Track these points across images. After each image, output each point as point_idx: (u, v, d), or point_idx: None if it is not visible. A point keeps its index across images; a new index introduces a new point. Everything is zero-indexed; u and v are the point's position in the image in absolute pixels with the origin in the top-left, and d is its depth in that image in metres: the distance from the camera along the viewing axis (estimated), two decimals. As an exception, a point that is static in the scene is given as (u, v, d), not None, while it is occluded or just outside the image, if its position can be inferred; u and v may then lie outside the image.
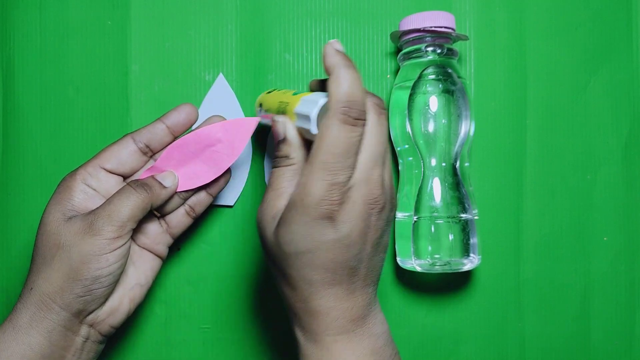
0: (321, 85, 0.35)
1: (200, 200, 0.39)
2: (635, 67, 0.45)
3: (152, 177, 0.36)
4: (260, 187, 0.44)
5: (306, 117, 0.32)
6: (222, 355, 0.44)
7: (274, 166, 0.33)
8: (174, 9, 0.44)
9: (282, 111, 0.35)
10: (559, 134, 0.45)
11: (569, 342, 0.45)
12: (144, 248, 0.38)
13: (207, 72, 0.44)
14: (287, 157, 0.33)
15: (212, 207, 0.44)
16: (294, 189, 0.31)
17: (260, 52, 0.45)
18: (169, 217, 0.38)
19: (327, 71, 0.31)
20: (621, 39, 0.45)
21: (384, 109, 0.32)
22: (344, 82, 0.29)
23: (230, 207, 0.44)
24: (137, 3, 0.44)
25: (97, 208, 0.34)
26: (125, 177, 0.37)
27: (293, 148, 0.33)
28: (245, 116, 0.44)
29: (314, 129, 0.31)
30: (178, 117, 0.37)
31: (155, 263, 0.39)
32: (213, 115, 0.38)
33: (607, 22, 0.45)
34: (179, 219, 0.39)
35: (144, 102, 0.44)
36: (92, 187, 0.35)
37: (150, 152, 0.38)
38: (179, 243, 0.44)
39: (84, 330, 0.34)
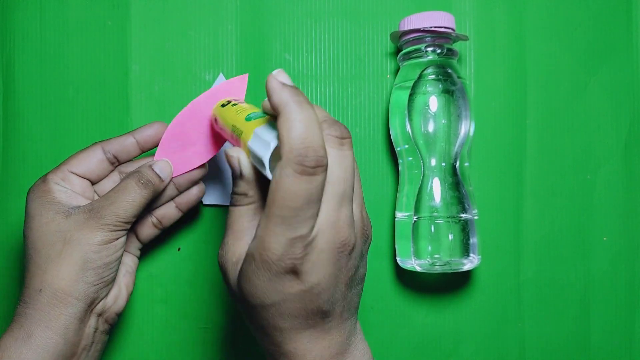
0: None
1: (169, 214, 0.39)
2: (635, 67, 0.45)
3: (152, 169, 0.36)
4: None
5: (259, 160, 0.28)
6: (222, 355, 0.44)
7: (232, 204, 0.30)
8: (174, 9, 0.44)
9: (236, 138, 0.32)
10: (558, 134, 0.45)
11: (568, 341, 0.45)
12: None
13: (207, 72, 0.44)
14: (245, 195, 0.30)
15: (212, 207, 0.44)
16: (252, 240, 0.28)
17: (260, 52, 0.45)
18: (136, 227, 0.39)
19: (275, 110, 0.27)
20: (621, 39, 0.45)
21: (346, 136, 0.28)
22: (296, 125, 0.25)
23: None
24: (137, 3, 0.44)
25: (101, 204, 0.34)
26: (92, 183, 0.38)
27: (251, 185, 0.30)
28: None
29: (268, 175, 0.28)
30: (148, 132, 0.37)
31: (133, 258, 0.40)
32: (154, 122, 0.38)
33: (607, 22, 0.45)
34: (145, 229, 0.40)
35: (144, 101, 0.44)
36: (68, 188, 0.36)
37: (117, 163, 0.38)
38: (179, 243, 0.44)
39: (93, 320, 0.36)
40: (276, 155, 0.27)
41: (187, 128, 0.37)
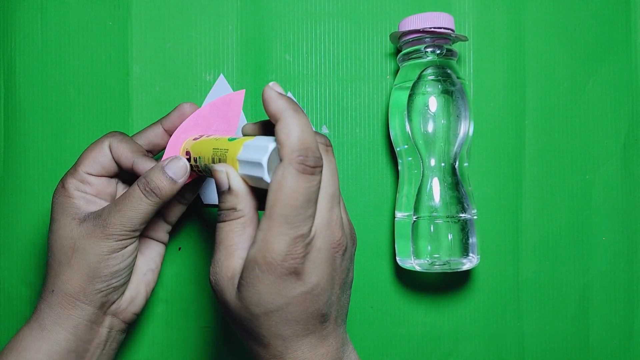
0: (258, 129, 0.33)
1: (192, 189, 0.39)
2: (633, 67, 0.45)
3: (163, 171, 0.34)
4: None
5: (256, 165, 0.29)
6: (222, 355, 0.44)
7: (220, 220, 0.31)
8: (175, 10, 0.45)
9: (218, 159, 0.32)
10: (557, 134, 0.45)
11: (567, 341, 0.45)
12: (146, 237, 0.40)
13: (207, 73, 0.45)
14: (234, 209, 0.30)
15: (212, 207, 0.44)
16: (252, 245, 0.29)
17: (260, 53, 0.45)
18: (162, 210, 0.39)
19: (273, 117, 0.28)
20: (620, 39, 0.45)
21: (329, 144, 0.31)
22: (295, 128, 0.27)
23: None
24: (138, 4, 0.44)
25: (108, 211, 0.34)
26: (113, 176, 0.37)
27: (240, 199, 0.30)
28: (246, 118, 0.45)
29: (267, 177, 0.29)
30: (175, 116, 0.37)
31: (160, 248, 0.40)
32: (183, 103, 0.38)
33: (606, 22, 0.45)
34: (172, 209, 0.40)
35: (145, 102, 0.44)
36: (87, 192, 0.36)
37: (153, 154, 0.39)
38: (179, 243, 0.44)
39: (107, 320, 0.36)
40: (272, 161, 0.29)
41: (192, 135, 0.37)
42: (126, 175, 0.38)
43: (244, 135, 0.33)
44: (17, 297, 0.44)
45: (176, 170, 0.34)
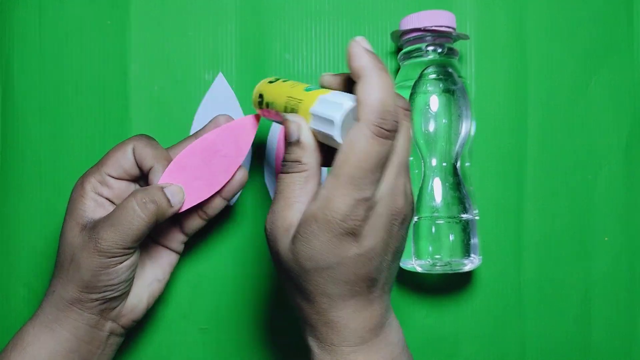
0: (337, 83, 0.32)
1: (214, 205, 0.38)
2: (635, 67, 0.45)
3: (162, 190, 0.34)
4: (260, 187, 0.44)
5: (328, 122, 0.29)
6: (222, 355, 0.44)
7: (283, 172, 0.30)
8: (174, 9, 0.44)
9: (291, 109, 0.32)
10: (559, 134, 0.45)
11: (569, 342, 0.45)
12: (160, 245, 0.39)
13: (206, 72, 0.44)
14: (298, 162, 0.30)
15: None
16: (313, 201, 0.29)
17: (259, 52, 0.44)
18: (182, 220, 0.38)
19: (355, 74, 0.28)
20: (622, 39, 0.45)
21: (409, 109, 0.30)
22: (376, 89, 0.27)
23: (231, 207, 0.44)
24: (136, 3, 0.44)
25: (102, 224, 0.33)
26: (134, 180, 0.37)
27: (307, 152, 0.30)
28: (245, 115, 0.44)
29: (338, 137, 0.29)
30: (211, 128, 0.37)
31: (172, 258, 0.39)
32: (219, 115, 0.38)
33: (608, 22, 0.45)
34: (191, 221, 0.38)
35: (144, 101, 0.44)
36: (104, 195, 0.35)
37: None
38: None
39: (108, 325, 0.36)
40: (346, 121, 0.29)
41: (195, 162, 0.36)
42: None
43: (321, 86, 0.32)
44: (15, 298, 0.44)
45: (176, 195, 0.34)
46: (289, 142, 0.31)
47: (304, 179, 0.30)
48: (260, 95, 0.35)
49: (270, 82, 0.35)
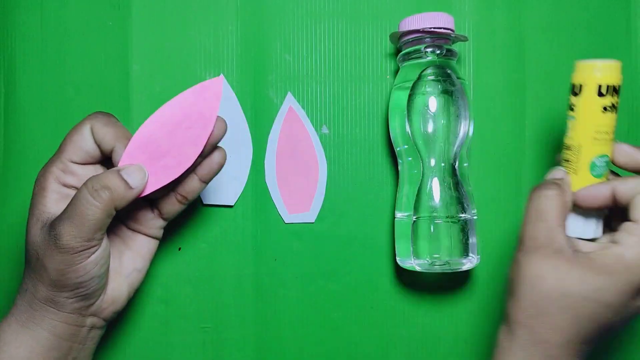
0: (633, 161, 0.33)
1: (192, 187, 0.35)
2: (633, 67, 0.46)
3: (118, 173, 0.31)
4: (259, 186, 0.44)
5: (580, 227, 0.33)
6: (222, 355, 0.44)
7: (536, 190, 0.33)
8: (175, 10, 0.45)
9: (566, 163, 0.34)
10: (557, 135, 0.45)
11: (567, 341, 0.45)
12: (137, 232, 0.36)
13: (207, 72, 0.45)
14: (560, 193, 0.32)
15: (212, 207, 0.44)
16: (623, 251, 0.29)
17: (260, 53, 0.45)
18: (159, 204, 0.36)
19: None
20: (620, 39, 0.45)
21: None
22: None
23: (231, 207, 0.44)
24: (137, 3, 0.44)
25: (59, 220, 0.31)
26: (102, 162, 0.34)
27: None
28: (246, 118, 0.44)
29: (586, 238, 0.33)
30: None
31: (151, 245, 0.37)
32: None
33: (606, 22, 0.45)
34: (169, 205, 0.35)
35: (145, 102, 0.44)
36: (69, 184, 0.33)
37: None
38: (179, 243, 0.44)
39: (89, 320, 0.34)
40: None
41: (157, 138, 0.33)
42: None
43: (614, 159, 0.33)
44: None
45: (134, 175, 0.31)
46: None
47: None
48: (572, 109, 0.33)
49: (605, 108, 0.32)
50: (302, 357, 0.44)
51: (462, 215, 0.39)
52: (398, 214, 0.41)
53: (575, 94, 0.32)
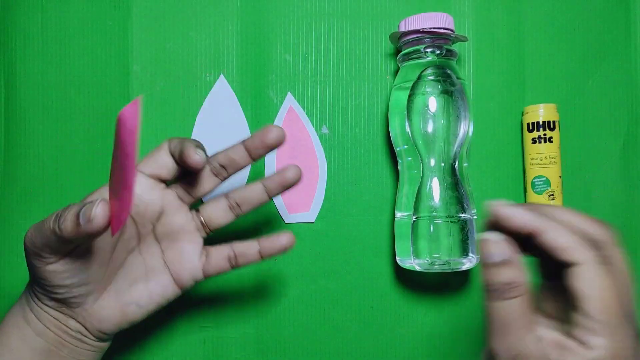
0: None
1: (247, 256, 0.37)
2: (633, 67, 0.46)
3: (73, 209, 0.28)
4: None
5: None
6: (223, 354, 0.44)
7: (494, 299, 0.27)
8: (175, 10, 0.45)
9: None
10: (557, 135, 0.45)
11: (567, 341, 0.45)
12: (169, 270, 0.36)
13: (208, 73, 0.45)
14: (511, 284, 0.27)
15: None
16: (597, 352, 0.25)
17: (260, 53, 0.45)
18: (207, 211, 0.37)
19: (561, 256, 0.27)
20: (619, 40, 0.45)
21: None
22: (598, 284, 0.26)
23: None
24: (138, 4, 0.44)
25: (40, 221, 0.31)
26: (170, 178, 0.36)
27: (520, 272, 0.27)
28: (246, 118, 0.44)
29: None
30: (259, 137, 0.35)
31: (169, 291, 0.36)
32: (271, 126, 0.35)
33: (605, 23, 0.45)
34: (216, 262, 0.37)
35: (145, 102, 0.44)
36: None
37: (225, 174, 0.37)
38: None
39: (71, 322, 0.33)
40: None
41: (114, 177, 0.29)
42: (209, 212, 0.37)
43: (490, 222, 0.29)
44: (18, 296, 0.44)
45: (88, 213, 0.27)
46: (492, 264, 0.28)
47: (527, 303, 0.28)
48: None
49: (535, 141, 0.42)
50: (302, 357, 0.44)
51: (462, 215, 0.39)
52: (398, 214, 0.41)
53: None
